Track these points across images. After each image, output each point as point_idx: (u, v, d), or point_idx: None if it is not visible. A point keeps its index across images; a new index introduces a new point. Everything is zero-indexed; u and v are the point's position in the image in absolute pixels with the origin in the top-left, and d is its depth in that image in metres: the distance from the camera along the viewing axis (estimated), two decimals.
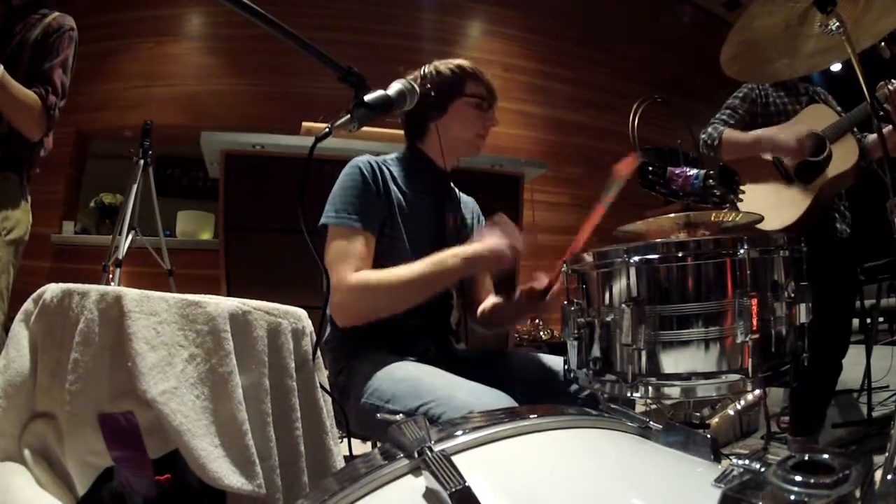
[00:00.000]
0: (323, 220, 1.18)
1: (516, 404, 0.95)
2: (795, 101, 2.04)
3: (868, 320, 2.82)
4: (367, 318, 1.14)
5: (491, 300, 1.42)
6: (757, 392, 2.24)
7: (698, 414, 2.24)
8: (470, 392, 0.97)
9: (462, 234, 1.39)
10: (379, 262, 1.18)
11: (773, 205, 1.89)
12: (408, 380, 1.05)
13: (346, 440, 0.95)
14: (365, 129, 0.95)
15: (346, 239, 1.15)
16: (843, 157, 1.83)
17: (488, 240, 1.13)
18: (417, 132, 1.34)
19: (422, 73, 1.29)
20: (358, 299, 1.11)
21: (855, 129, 1.86)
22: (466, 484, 0.42)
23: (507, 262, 1.13)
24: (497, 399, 0.95)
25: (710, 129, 2.03)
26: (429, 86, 1.26)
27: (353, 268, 1.12)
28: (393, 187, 1.25)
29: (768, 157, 1.94)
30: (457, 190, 1.45)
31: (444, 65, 1.31)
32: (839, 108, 1.99)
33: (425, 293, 1.13)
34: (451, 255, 1.12)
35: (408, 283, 1.10)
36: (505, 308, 1.35)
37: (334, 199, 1.19)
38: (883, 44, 1.84)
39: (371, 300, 1.12)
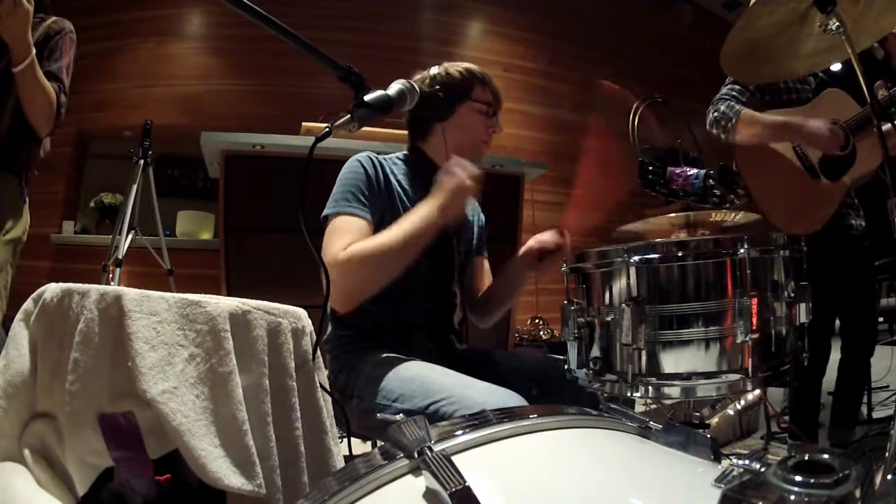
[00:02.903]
0: (324, 213, 1.19)
1: (527, 403, 0.95)
2: (802, 79, 1.93)
3: None
4: (364, 291, 1.11)
5: (489, 281, 1.43)
6: (757, 392, 2.24)
7: (698, 414, 2.23)
8: (482, 391, 0.97)
9: (464, 229, 1.39)
10: None
11: (801, 204, 1.80)
12: (416, 378, 1.04)
13: (345, 440, 0.95)
14: (365, 128, 0.95)
15: (341, 222, 1.14)
16: (868, 153, 1.73)
17: (446, 180, 1.12)
18: (420, 132, 1.34)
19: (431, 73, 1.29)
20: (351, 271, 1.08)
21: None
22: (466, 484, 0.42)
23: (472, 191, 1.12)
24: (508, 398, 0.95)
25: (722, 108, 1.84)
26: (437, 87, 1.26)
27: (342, 245, 1.10)
28: (394, 182, 1.25)
29: (788, 146, 1.83)
30: None
31: (454, 67, 1.30)
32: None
33: (413, 251, 1.10)
34: (423, 208, 1.11)
35: (394, 245, 1.08)
36: (500, 282, 1.36)
37: (335, 193, 1.20)
38: (876, 45, 1.82)
39: (363, 269, 1.09)
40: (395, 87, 0.97)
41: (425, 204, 1.12)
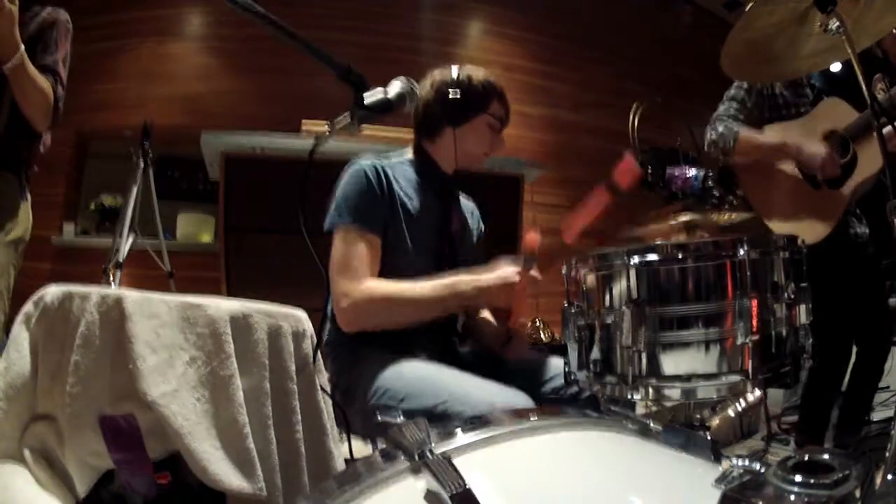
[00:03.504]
0: (328, 224, 1.18)
1: (533, 404, 0.95)
2: (800, 92, 1.94)
3: None
4: (373, 328, 1.15)
5: (485, 314, 1.44)
6: (757, 393, 2.24)
7: (699, 415, 2.24)
8: (489, 391, 0.98)
9: (465, 235, 1.39)
10: (383, 263, 1.18)
11: (803, 214, 1.79)
12: (422, 379, 1.05)
13: (346, 442, 0.95)
14: (366, 129, 0.95)
15: (352, 243, 1.15)
16: (869, 158, 1.72)
17: (501, 271, 1.13)
18: (429, 132, 1.33)
19: (453, 75, 1.28)
20: (366, 310, 1.12)
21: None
22: (467, 485, 0.42)
23: (516, 295, 1.14)
24: (516, 397, 0.95)
25: (720, 129, 1.86)
26: (458, 91, 1.26)
27: (362, 275, 1.12)
28: (397, 189, 1.25)
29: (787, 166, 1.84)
30: (458, 193, 1.45)
31: (476, 74, 1.30)
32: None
33: (432, 314, 1.14)
34: (464, 282, 1.13)
35: (416, 303, 1.11)
36: (488, 335, 1.38)
37: (339, 203, 1.19)
38: (875, 44, 1.83)
39: (378, 313, 1.12)
40: (394, 87, 0.97)
41: (466, 278, 1.13)
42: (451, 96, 1.25)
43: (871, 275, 1.91)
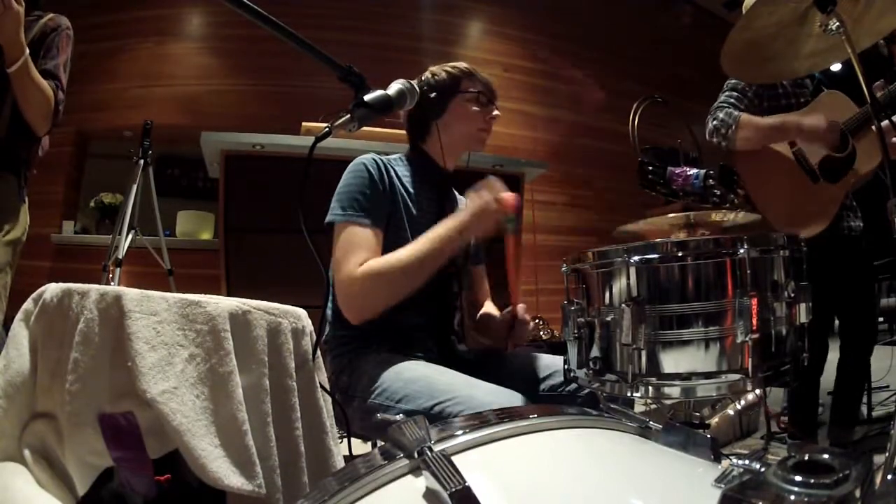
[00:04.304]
0: (329, 218, 1.19)
1: (530, 403, 0.95)
2: (799, 83, 1.95)
3: None
4: (379, 307, 1.12)
5: (486, 308, 1.44)
6: (757, 392, 2.24)
7: (698, 414, 2.24)
8: (487, 391, 0.98)
9: None
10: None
11: (801, 207, 1.81)
12: (420, 379, 1.05)
13: (345, 440, 0.95)
14: (365, 128, 0.95)
15: (353, 234, 1.15)
16: (868, 153, 1.73)
17: (472, 203, 1.14)
18: (420, 133, 1.35)
19: (420, 80, 1.32)
20: (369, 289, 1.10)
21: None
22: (466, 484, 0.42)
23: (496, 220, 1.14)
24: (512, 398, 0.95)
25: (721, 115, 1.86)
26: (426, 89, 1.28)
27: (360, 260, 1.11)
28: (398, 185, 1.26)
29: (787, 151, 1.84)
30: (454, 191, 1.46)
31: (440, 68, 1.34)
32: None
33: (429, 270, 1.13)
34: (444, 228, 1.13)
35: (411, 263, 1.10)
36: (491, 326, 1.39)
37: (340, 197, 1.19)
38: (882, 42, 1.83)
39: (380, 287, 1.11)
40: (395, 87, 0.97)
41: (446, 223, 1.13)
42: (420, 94, 1.27)
43: (862, 269, 1.92)
